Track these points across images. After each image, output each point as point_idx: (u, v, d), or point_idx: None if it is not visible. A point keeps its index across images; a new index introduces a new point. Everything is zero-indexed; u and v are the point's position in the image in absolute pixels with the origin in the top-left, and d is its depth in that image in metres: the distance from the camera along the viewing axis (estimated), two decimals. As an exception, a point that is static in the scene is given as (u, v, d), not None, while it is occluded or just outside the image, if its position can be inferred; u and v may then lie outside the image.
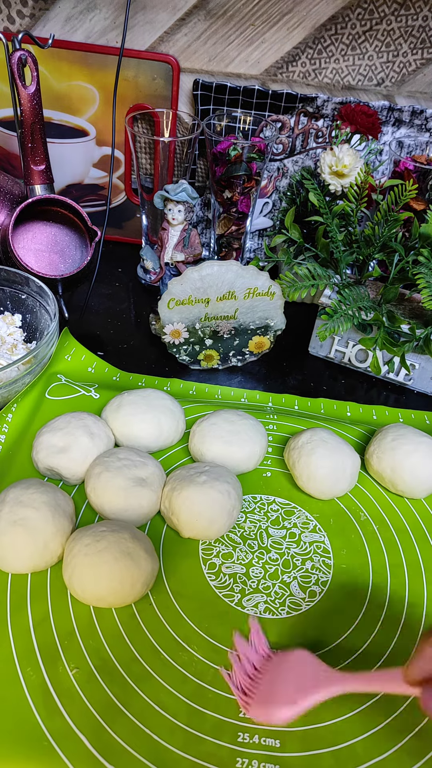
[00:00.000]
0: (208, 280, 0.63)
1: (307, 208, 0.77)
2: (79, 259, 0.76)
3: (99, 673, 0.41)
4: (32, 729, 0.37)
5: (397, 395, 0.72)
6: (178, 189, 0.67)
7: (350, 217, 0.68)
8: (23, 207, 0.69)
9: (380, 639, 0.45)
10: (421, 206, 0.72)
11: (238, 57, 0.80)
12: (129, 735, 0.38)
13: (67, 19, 0.79)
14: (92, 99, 0.82)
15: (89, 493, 0.51)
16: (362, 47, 0.78)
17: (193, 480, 0.50)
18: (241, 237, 0.82)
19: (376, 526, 0.54)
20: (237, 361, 0.73)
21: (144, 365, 0.72)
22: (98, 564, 0.43)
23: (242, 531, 0.52)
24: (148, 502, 0.50)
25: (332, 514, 0.54)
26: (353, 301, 0.65)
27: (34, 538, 0.45)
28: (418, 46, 0.78)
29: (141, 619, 0.44)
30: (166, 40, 0.80)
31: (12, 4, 0.78)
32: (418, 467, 0.55)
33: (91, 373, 0.68)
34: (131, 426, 0.57)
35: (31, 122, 0.67)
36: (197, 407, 0.64)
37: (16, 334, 0.69)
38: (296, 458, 0.55)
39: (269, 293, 0.66)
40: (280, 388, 0.71)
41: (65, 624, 0.43)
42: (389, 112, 0.80)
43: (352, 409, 0.68)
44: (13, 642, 0.42)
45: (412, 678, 0.34)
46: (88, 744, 0.37)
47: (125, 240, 0.94)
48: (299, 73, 0.81)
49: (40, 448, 0.54)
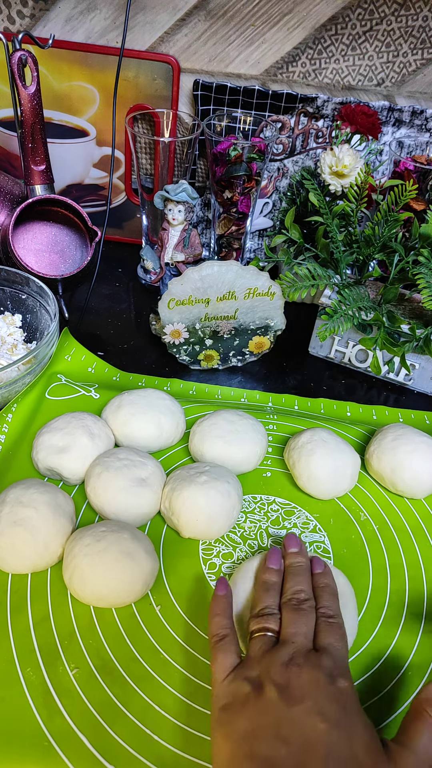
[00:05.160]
0: (208, 280, 0.63)
1: (307, 208, 0.77)
2: (79, 259, 0.76)
3: (99, 673, 0.41)
4: (32, 729, 0.37)
5: (397, 395, 0.72)
6: (178, 189, 0.67)
7: (350, 217, 0.68)
8: (23, 207, 0.69)
9: (380, 639, 0.45)
10: (421, 206, 0.72)
11: (238, 57, 0.80)
12: (129, 735, 0.38)
13: (67, 20, 0.79)
14: (92, 99, 0.82)
15: (89, 493, 0.51)
16: (362, 47, 0.78)
17: (193, 480, 0.50)
18: (241, 237, 0.82)
19: (376, 526, 0.54)
20: (237, 361, 0.73)
21: (144, 365, 0.72)
22: (98, 564, 0.43)
23: (242, 531, 0.52)
24: (148, 502, 0.50)
25: (332, 514, 0.54)
26: (353, 301, 0.65)
27: (35, 538, 0.45)
28: (418, 47, 0.78)
29: (141, 619, 0.44)
30: (166, 40, 0.80)
31: (12, 5, 0.78)
32: (418, 467, 0.55)
33: (91, 373, 0.68)
34: (131, 426, 0.57)
35: (32, 122, 0.67)
36: (197, 407, 0.64)
37: (16, 334, 0.69)
38: (296, 458, 0.55)
39: (269, 293, 0.66)
40: (280, 388, 0.71)
41: (65, 624, 0.43)
42: (389, 112, 0.80)
43: (352, 409, 0.68)
44: (13, 642, 0.42)
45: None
46: (88, 744, 0.37)
47: (125, 240, 0.94)
48: (299, 73, 0.81)
49: (40, 448, 0.54)
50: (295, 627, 0.39)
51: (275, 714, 0.33)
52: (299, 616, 0.39)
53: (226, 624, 0.40)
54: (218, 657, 0.38)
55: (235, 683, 0.36)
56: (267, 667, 0.36)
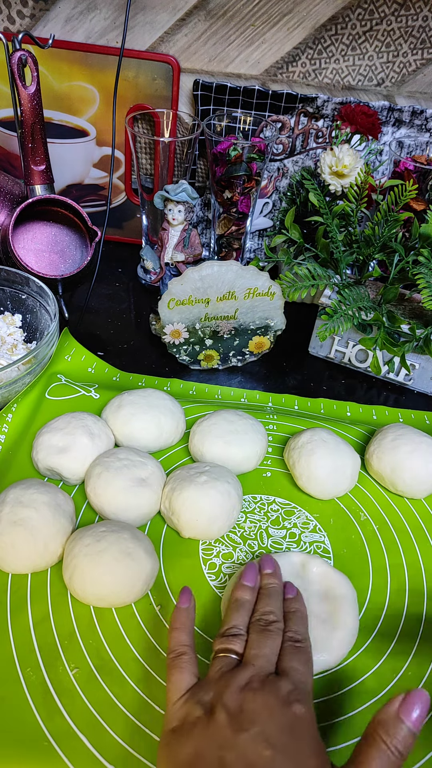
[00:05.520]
0: (208, 280, 0.63)
1: (307, 208, 0.77)
2: (79, 259, 0.76)
3: (99, 673, 0.41)
4: (32, 729, 0.37)
5: (397, 395, 0.72)
6: (178, 189, 0.67)
7: (350, 217, 0.68)
8: (23, 207, 0.69)
9: (381, 638, 0.45)
10: (421, 206, 0.72)
11: (238, 57, 0.80)
12: (129, 735, 0.38)
13: (67, 20, 0.79)
14: (92, 99, 0.82)
15: (89, 494, 0.51)
16: (362, 47, 0.78)
17: (193, 480, 0.50)
18: (241, 237, 0.82)
19: (376, 526, 0.54)
20: (237, 361, 0.73)
21: (144, 365, 0.72)
22: (98, 564, 0.43)
23: (242, 531, 0.52)
24: (148, 502, 0.50)
25: (332, 514, 0.54)
26: (353, 301, 0.65)
27: (34, 538, 0.45)
28: (418, 47, 0.78)
29: (141, 619, 0.44)
30: (166, 40, 0.80)
31: (12, 5, 0.78)
32: (418, 467, 0.55)
33: (91, 373, 0.68)
34: (131, 426, 0.57)
35: (32, 122, 0.67)
36: (197, 407, 0.64)
37: (16, 334, 0.69)
38: (296, 458, 0.55)
39: (269, 293, 0.66)
40: (280, 388, 0.71)
41: (65, 624, 0.43)
42: (389, 112, 0.80)
43: (352, 409, 0.68)
44: (13, 642, 0.42)
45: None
46: (88, 744, 0.37)
47: (125, 240, 0.94)
48: (299, 73, 0.81)
49: (40, 448, 0.54)
50: (258, 649, 0.38)
51: (221, 740, 0.32)
52: (265, 637, 0.38)
53: (185, 640, 0.39)
54: (173, 676, 0.37)
55: (187, 705, 0.35)
56: (222, 691, 0.35)
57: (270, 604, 0.41)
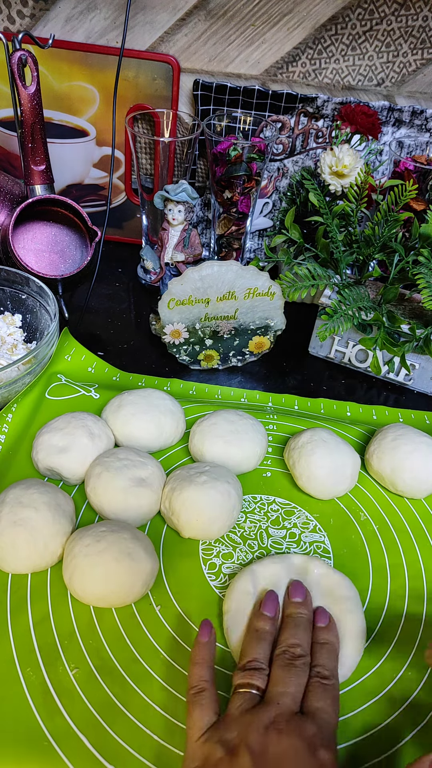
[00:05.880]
0: (208, 280, 0.63)
1: (307, 208, 0.77)
2: (79, 259, 0.76)
3: (99, 673, 0.41)
4: (32, 729, 0.37)
5: (397, 395, 0.72)
6: (178, 189, 0.67)
7: (350, 217, 0.68)
8: (23, 207, 0.69)
9: (381, 639, 0.45)
10: (421, 206, 0.72)
11: (238, 57, 0.80)
12: (129, 735, 0.38)
13: (67, 20, 0.79)
14: (92, 99, 0.82)
15: (89, 494, 0.51)
16: (362, 47, 0.78)
17: (193, 480, 0.50)
18: (241, 237, 0.82)
19: (376, 526, 0.54)
20: (237, 361, 0.73)
21: (144, 365, 0.72)
22: (98, 564, 0.43)
23: (242, 531, 0.52)
24: (148, 502, 0.50)
25: (332, 514, 0.54)
26: (353, 301, 0.65)
27: (34, 538, 0.45)
28: (418, 47, 0.78)
29: (141, 619, 0.44)
30: (166, 40, 0.80)
31: (12, 4, 0.78)
32: (418, 467, 0.55)
33: (91, 373, 0.68)
34: (131, 426, 0.57)
35: (32, 122, 0.67)
36: (197, 407, 0.64)
37: (16, 334, 0.69)
38: (296, 458, 0.55)
39: (269, 293, 0.66)
40: (280, 388, 0.71)
41: (65, 624, 0.43)
42: (389, 112, 0.80)
43: (352, 409, 0.68)
44: (13, 642, 0.42)
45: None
46: (88, 744, 0.37)
47: (125, 240, 0.94)
48: (299, 73, 0.81)
49: (40, 448, 0.54)
50: (283, 686, 0.36)
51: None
52: (290, 674, 0.37)
53: (206, 676, 0.38)
54: (194, 713, 0.36)
55: (208, 744, 0.34)
56: (245, 730, 0.34)
57: (297, 635, 0.39)
